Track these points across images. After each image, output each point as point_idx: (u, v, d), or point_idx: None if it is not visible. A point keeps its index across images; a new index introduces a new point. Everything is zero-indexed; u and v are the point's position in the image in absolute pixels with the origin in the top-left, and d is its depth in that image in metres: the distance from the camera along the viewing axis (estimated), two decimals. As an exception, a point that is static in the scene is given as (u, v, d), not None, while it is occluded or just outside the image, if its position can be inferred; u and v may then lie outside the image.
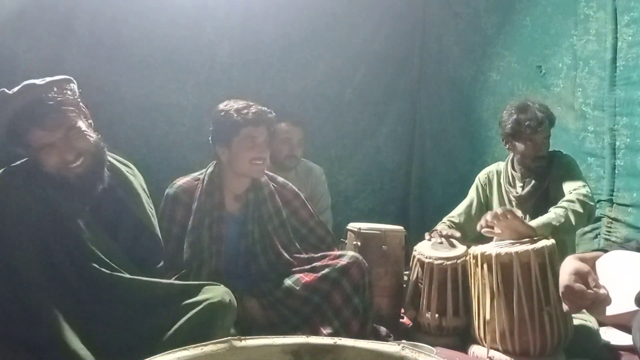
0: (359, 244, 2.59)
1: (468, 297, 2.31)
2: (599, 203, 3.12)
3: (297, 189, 2.53)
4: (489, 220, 2.28)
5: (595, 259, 2.25)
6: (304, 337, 1.13)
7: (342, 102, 4.29)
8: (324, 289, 2.19)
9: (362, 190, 4.39)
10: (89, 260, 1.69)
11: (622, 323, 2.13)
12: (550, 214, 2.39)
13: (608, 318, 2.14)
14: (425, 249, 2.50)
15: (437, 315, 2.36)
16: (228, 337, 1.09)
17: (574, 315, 2.21)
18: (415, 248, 2.56)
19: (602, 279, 2.14)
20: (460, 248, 2.48)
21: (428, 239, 2.61)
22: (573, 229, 2.54)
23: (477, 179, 2.96)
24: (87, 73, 3.11)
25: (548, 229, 2.31)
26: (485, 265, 2.16)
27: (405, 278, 2.63)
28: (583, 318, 2.27)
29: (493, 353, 2.16)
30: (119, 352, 1.59)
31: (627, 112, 3.00)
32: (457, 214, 2.90)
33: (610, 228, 3.08)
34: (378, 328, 2.37)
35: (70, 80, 1.79)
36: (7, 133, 1.70)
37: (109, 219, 1.84)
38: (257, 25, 3.94)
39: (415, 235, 2.89)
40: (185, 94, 3.74)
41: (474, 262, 2.23)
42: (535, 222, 2.34)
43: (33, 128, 1.67)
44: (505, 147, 2.78)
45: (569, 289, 1.96)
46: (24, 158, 1.79)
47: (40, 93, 1.68)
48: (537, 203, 2.71)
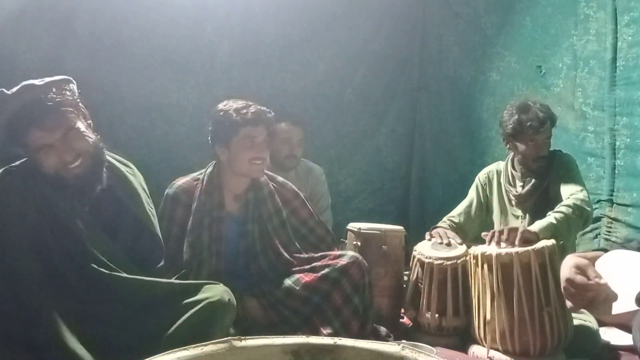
0: (359, 244, 2.59)
1: (468, 297, 2.31)
2: (599, 203, 3.12)
3: (296, 189, 2.53)
4: (503, 238, 2.22)
5: (596, 259, 2.25)
6: (304, 337, 1.13)
7: (342, 102, 4.29)
8: (324, 289, 2.19)
9: (362, 190, 4.39)
10: (88, 261, 1.69)
11: (622, 322, 2.13)
12: (550, 218, 2.39)
13: (608, 317, 2.15)
14: (425, 249, 2.50)
15: (437, 315, 2.36)
16: (228, 336, 1.09)
17: (574, 315, 2.21)
18: (415, 248, 2.55)
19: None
20: (460, 248, 2.48)
21: (428, 239, 2.61)
22: (569, 234, 2.54)
23: (477, 179, 2.96)
24: (87, 73, 3.12)
25: (548, 233, 2.31)
26: (486, 265, 2.16)
27: (405, 278, 2.63)
28: (583, 318, 2.27)
29: (493, 353, 2.16)
30: (119, 352, 1.59)
31: (627, 112, 3.00)
32: (457, 214, 2.90)
33: (610, 228, 3.08)
34: (378, 328, 2.36)
35: (70, 81, 1.78)
36: (6, 133, 1.70)
37: (109, 219, 1.84)
38: (257, 25, 3.94)
39: (415, 235, 2.89)
40: (185, 94, 3.74)
41: (474, 262, 2.22)
42: (537, 226, 2.33)
43: (32, 128, 1.67)
44: (506, 147, 2.78)
45: (571, 282, 1.96)
46: (24, 158, 1.79)
47: (39, 93, 1.67)
48: (536, 202, 2.71)
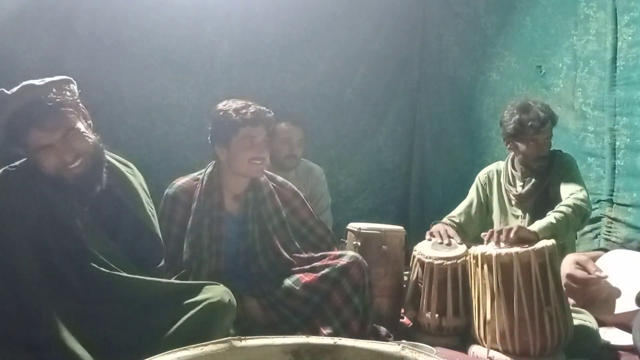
0: (359, 244, 2.59)
1: (468, 297, 2.31)
2: (599, 203, 3.12)
3: (296, 189, 2.53)
4: (502, 242, 2.21)
5: (596, 258, 2.26)
6: (304, 337, 1.13)
7: (342, 102, 4.29)
8: (324, 289, 2.19)
9: (362, 190, 4.39)
10: (88, 260, 1.69)
11: (622, 322, 2.13)
12: (550, 218, 2.39)
13: (609, 317, 2.15)
14: (425, 249, 2.50)
15: (437, 315, 2.36)
16: (228, 337, 1.09)
17: (574, 315, 2.21)
18: (415, 248, 2.55)
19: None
20: (460, 248, 2.48)
21: (428, 239, 2.61)
22: (568, 234, 2.55)
23: (477, 179, 2.96)
24: (87, 73, 3.12)
25: (548, 233, 2.31)
26: (486, 266, 2.16)
27: (405, 278, 2.63)
28: (583, 318, 2.27)
29: (493, 353, 2.16)
30: (119, 352, 1.59)
31: (627, 112, 3.00)
32: (457, 214, 2.91)
33: (610, 228, 3.08)
34: (378, 328, 2.36)
35: (70, 81, 1.78)
36: (6, 133, 1.70)
37: (109, 219, 1.84)
38: (257, 25, 3.94)
39: (415, 235, 2.89)
40: (185, 94, 3.74)
41: (474, 262, 2.22)
42: (537, 226, 2.33)
43: (31, 129, 1.66)
44: (507, 147, 2.77)
45: (572, 277, 1.96)
46: (24, 158, 1.79)
47: (39, 94, 1.67)
48: (536, 202, 2.71)
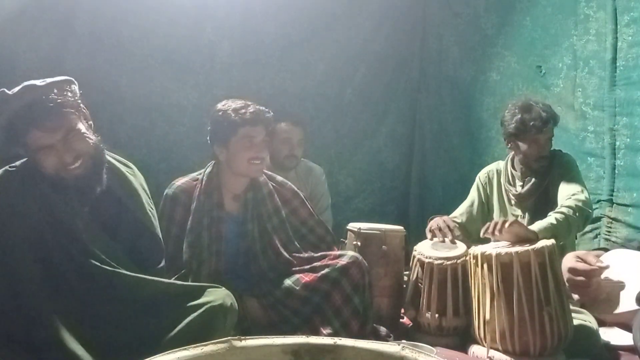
0: (359, 244, 2.59)
1: (468, 297, 2.31)
2: (599, 203, 3.12)
3: (296, 188, 2.53)
4: (497, 232, 2.22)
5: (597, 257, 2.25)
6: (304, 337, 1.13)
7: (342, 102, 4.29)
8: (324, 289, 2.19)
9: (362, 190, 4.39)
10: (88, 258, 1.68)
11: (622, 322, 2.13)
12: (550, 219, 2.38)
13: (609, 317, 2.15)
14: (425, 249, 2.50)
15: (437, 315, 2.36)
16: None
17: (574, 315, 2.21)
18: (415, 248, 2.55)
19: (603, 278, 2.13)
20: (460, 248, 2.48)
21: (430, 238, 2.61)
22: (569, 235, 2.54)
23: (477, 179, 2.95)
24: (87, 73, 3.12)
25: (548, 234, 2.30)
26: (486, 265, 2.16)
27: (405, 278, 2.63)
28: (583, 318, 2.27)
29: (493, 353, 2.16)
30: (119, 352, 1.59)
31: (627, 112, 3.00)
32: (459, 214, 2.90)
33: (610, 228, 3.08)
34: (378, 328, 2.36)
35: (71, 82, 1.78)
36: (6, 133, 1.69)
37: (109, 220, 1.84)
38: (257, 25, 3.94)
39: (415, 235, 2.89)
40: (185, 94, 3.74)
41: (474, 262, 2.22)
42: (537, 226, 2.33)
43: (32, 129, 1.66)
44: (507, 146, 2.77)
45: (573, 270, 1.96)
46: (24, 158, 1.79)
47: (41, 94, 1.67)
48: (536, 202, 2.71)
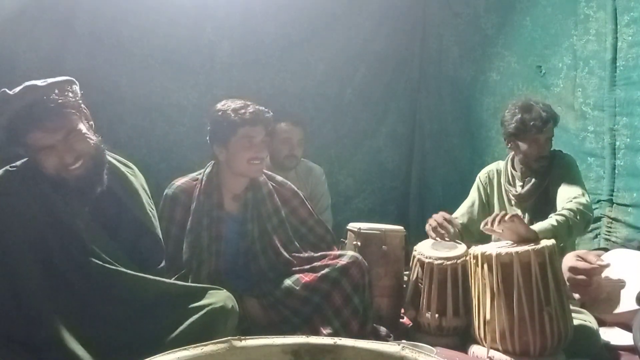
0: (359, 244, 2.59)
1: (468, 297, 2.31)
2: (599, 203, 3.12)
3: (295, 188, 2.53)
4: (495, 225, 2.22)
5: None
6: (304, 337, 1.13)
7: (342, 102, 4.29)
8: (324, 289, 2.19)
9: (362, 190, 4.39)
10: (88, 256, 1.68)
11: (622, 322, 2.13)
12: (552, 220, 2.37)
13: (609, 316, 2.15)
14: (425, 249, 2.50)
15: (437, 315, 2.35)
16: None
17: (574, 315, 2.21)
18: (415, 248, 2.55)
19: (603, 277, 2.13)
20: (460, 248, 2.48)
21: (432, 237, 2.60)
22: (569, 238, 2.54)
23: (477, 179, 2.95)
24: (87, 73, 3.12)
25: (549, 235, 2.30)
26: (486, 265, 2.16)
27: (405, 278, 2.63)
28: (583, 318, 2.27)
29: (493, 353, 2.16)
30: (119, 352, 1.58)
31: (627, 112, 3.00)
32: (460, 215, 2.89)
33: (610, 228, 3.08)
34: (378, 328, 2.36)
35: (73, 82, 1.77)
36: (6, 133, 1.69)
37: (109, 220, 1.83)
38: (257, 25, 3.94)
39: (415, 235, 2.89)
40: (185, 94, 3.74)
41: (475, 262, 2.22)
42: (537, 227, 2.33)
43: (33, 129, 1.66)
44: (507, 146, 2.77)
45: (574, 269, 1.96)
46: (24, 157, 1.78)
47: (42, 94, 1.67)
48: (536, 202, 2.71)
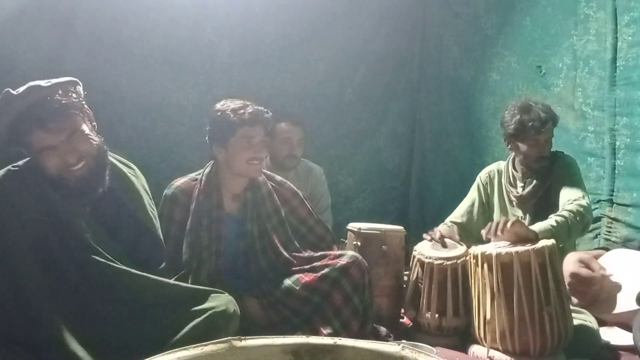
0: (359, 244, 2.59)
1: (468, 297, 2.31)
2: (599, 203, 3.12)
3: (295, 188, 2.53)
4: (499, 233, 2.22)
5: (597, 257, 2.25)
6: (304, 337, 1.13)
7: (342, 102, 4.29)
8: (324, 289, 2.19)
9: (362, 190, 4.39)
10: (89, 254, 1.68)
11: (622, 322, 2.13)
12: (551, 221, 2.37)
13: (609, 317, 2.14)
14: (425, 249, 2.50)
15: (437, 315, 2.36)
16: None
17: (574, 315, 2.21)
18: (415, 248, 2.55)
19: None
20: (460, 248, 2.48)
21: (429, 240, 2.60)
22: (569, 239, 2.53)
23: (478, 179, 2.94)
24: (87, 73, 3.10)
25: (547, 235, 2.30)
26: (486, 265, 2.16)
27: (405, 278, 2.63)
28: (583, 318, 2.27)
29: (493, 353, 2.16)
30: (120, 353, 1.58)
31: (627, 112, 3.00)
32: (459, 214, 2.88)
33: (610, 228, 3.08)
34: (378, 328, 2.36)
35: (76, 83, 1.78)
36: (9, 133, 1.70)
37: (110, 220, 1.83)
38: (257, 25, 3.94)
39: (415, 235, 2.89)
40: (185, 94, 3.74)
41: (475, 261, 2.22)
42: (537, 227, 2.33)
43: (36, 130, 1.66)
44: (507, 147, 2.76)
45: (576, 276, 1.95)
46: (25, 157, 1.78)
47: (45, 95, 1.67)
48: (537, 203, 2.70)
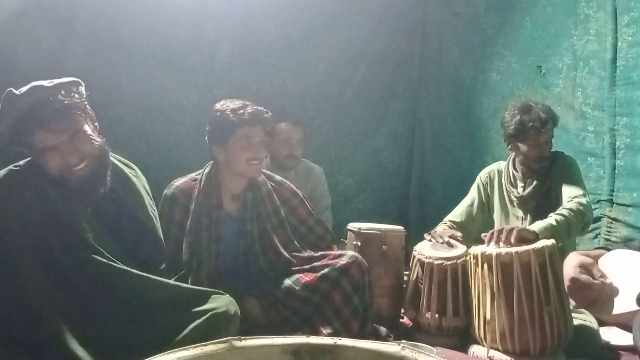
0: (359, 244, 2.59)
1: (468, 297, 2.31)
2: (599, 203, 3.12)
3: (295, 188, 2.53)
4: (502, 244, 2.21)
5: (598, 257, 2.25)
6: (304, 337, 1.13)
7: (342, 102, 4.30)
8: (324, 289, 2.19)
9: (362, 190, 4.39)
10: (90, 253, 1.67)
11: (622, 322, 2.13)
12: (551, 219, 2.37)
13: (609, 317, 2.14)
14: (425, 249, 2.50)
15: (437, 315, 2.36)
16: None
17: (574, 315, 2.21)
18: (415, 248, 2.55)
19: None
20: (460, 248, 2.48)
21: (428, 240, 2.60)
22: (568, 238, 2.53)
23: (478, 178, 2.94)
24: (87, 73, 3.09)
25: (547, 234, 2.30)
26: (486, 265, 2.16)
27: (405, 278, 2.63)
28: (583, 318, 2.27)
29: (493, 353, 2.16)
30: (120, 353, 1.58)
31: (627, 112, 3.00)
32: (458, 214, 2.88)
33: (610, 228, 3.08)
34: (378, 328, 2.36)
35: (79, 83, 1.77)
36: (11, 132, 1.69)
37: (111, 221, 1.83)
38: (257, 25, 3.94)
39: (415, 235, 2.89)
40: (185, 94, 3.74)
41: (474, 261, 2.22)
42: (537, 226, 2.33)
43: (38, 130, 1.66)
44: (507, 147, 2.76)
45: (575, 281, 1.95)
46: (26, 156, 1.78)
47: (48, 95, 1.67)
48: (538, 203, 2.70)
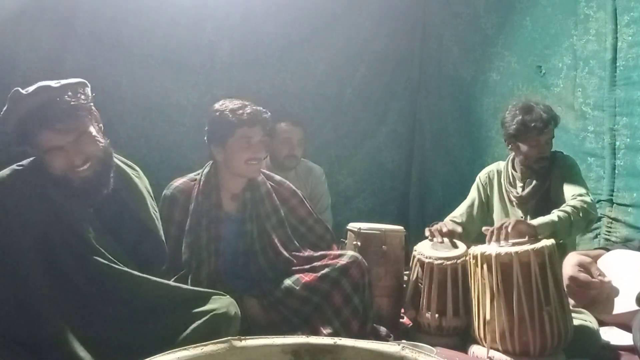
0: (359, 244, 2.59)
1: (468, 297, 2.31)
2: (599, 203, 3.12)
3: (294, 187, 2.53)
4: (502, 238, 2.22)
5: (598, 257, 2.25)
6: (304, 337, 1.13)
7: (342, 102, 4.30)
8: (324, 289, 2.19)
9: (362, 190, 4.40)
10: (91, 254, 1.67)
11: (622, 322, 2.13)
12: (552, 216, 2.37)
13: (609, 317, 2.14)
14: (425, 249, 2.50)
15: (437, 315, 2.36)
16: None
17: (574, 315, 2.21)
18: (415, 248, 2.55)
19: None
20: (461, 248, 2.48)
21: (429, 238, 2.59)
22: (570, 235, 2.53)
23: (477, 179, 2.95)
24: (87, 73, 3.07)
25: (548, 229, 2.30)
26: (485, 265, 2.16)
27: (405, 278, 2.63)
28: (583, 318, 2.26)
29: (493, 353, 2.16)
30: (120, 353, 1.58)
31: (627, 112, 3.00)
32: (459, 214, 2.89)
33: (610, 228, 3.08)
34: (378, 328, 2.36)
35: (85, 84, 1.78)
36: (16, 132, 1.70)
37: (113, 221, 1.83)
38: (257, 25, 3.94)
39: (415, 235, 2.89)
40: (185, 94, 3.74)
41: (474, 262, 2.22)
42: (538, 221, 2.33)
43: (44, 130, 1.66)
44: (508, 147, 2.77)
45: (574, 280, 1.95)
46: (28, 155, 1.78)
47: (55, 96, 1.67)
48: (537, 203, 2.70)
